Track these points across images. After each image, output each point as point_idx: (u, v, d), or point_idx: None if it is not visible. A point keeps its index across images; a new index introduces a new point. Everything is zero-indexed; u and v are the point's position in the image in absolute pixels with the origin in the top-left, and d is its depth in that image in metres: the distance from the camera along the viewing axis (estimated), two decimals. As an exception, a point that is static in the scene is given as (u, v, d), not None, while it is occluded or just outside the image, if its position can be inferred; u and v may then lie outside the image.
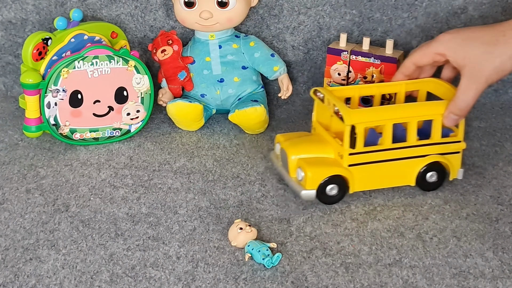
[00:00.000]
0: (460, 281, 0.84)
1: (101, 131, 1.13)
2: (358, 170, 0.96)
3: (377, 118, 0.96)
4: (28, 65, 1.12)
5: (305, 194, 0.95)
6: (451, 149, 1.00)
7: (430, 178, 1.00)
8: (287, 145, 1.00)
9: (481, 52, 0.93)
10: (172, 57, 1.19)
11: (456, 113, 0.96)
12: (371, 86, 1.05)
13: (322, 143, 1.00)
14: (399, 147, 0.97)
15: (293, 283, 0.83)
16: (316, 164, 0.96)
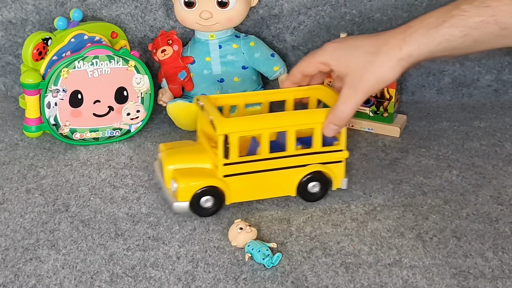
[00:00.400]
0: (460, 281, 0.84)
1: (101, 131, 1.13)
2: (234, 181, 0.93)
3: (252, 127, 0.93)
4: (28, 65, 1.12)
5: (177, 206, 0.93)
6: (333, 158, 0.97)
7: (312, 188, 0.97)
8: (165, 155, 0.97)
9: (362, 61, 0.91)
10: (172, 57, 1.19)
11: (336, 123, 0.93)
12: (258, 94, 1.03)
13: (201, 153, 0.96)
14: (277, 156, 0.94)
15: (293, 283, 0.83)
16: (190, 175, 0.93)
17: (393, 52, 0.89)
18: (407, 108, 1.27)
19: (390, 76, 0.90)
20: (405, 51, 0.88)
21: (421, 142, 1.16)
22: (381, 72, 0.90)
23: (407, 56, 0.88)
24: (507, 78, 1.30)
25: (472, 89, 1.30)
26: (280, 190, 0.97)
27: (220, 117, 0.92)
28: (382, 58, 0.89)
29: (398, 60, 0.89)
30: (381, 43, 0.90)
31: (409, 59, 0.89)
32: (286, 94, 1.02)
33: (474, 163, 1.09)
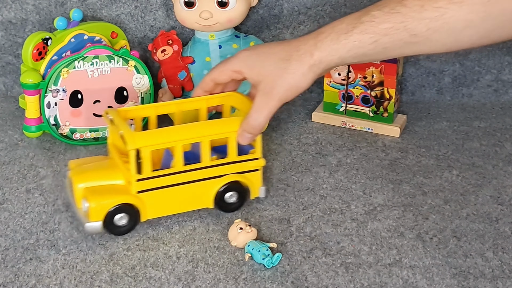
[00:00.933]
0: (460, 281, 0.84)
1: (101, 131, 1.13)
2: (149, 196, 0.90)
3: (164, 140, 0.90)
4: (28, 65, 1.12)
5: (89, 227, 0.88)
6: (250, 167, 0.95)
7: (230, 198, 0.95)
8: (74, 173, 0.93)
9: (274, 68, 0.89)
10: (172, 57, 1.19)
11: (249, 131, 0.91)
12: (169, 104, 1.00)
13: (113, 169, 0.93)
14: (192, 169, 0.91)
15: (293, 283, 0.83)
16: (102, 193, 0.89)
17: (305, 59, 0.88)
18: (407, 108, 1.27)
19: (303, 83, 0.89)
20: (316, 57, 0.88)
21: (421, 142, 1.16)
22: (294, 79, 0.89)
23: (318, 62, 0.88)
24: (507, 78, 1.30)
25: (472, 89, 1.30)
26: (197, 202, 0.94)
27: (130, 131, 0.89)
28: (294, 65, 0.88)
29: (309, 66, 0.88)
30: (293, 49, 0.89)
31: (321, 65, 0.88)
32: (199, 103, 0.99)
33: (474, 163, 1.09)
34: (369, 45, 0.86)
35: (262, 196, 0.97)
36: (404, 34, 0.84)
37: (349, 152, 1.12)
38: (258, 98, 0.91)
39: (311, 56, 0.88)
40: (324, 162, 1.09)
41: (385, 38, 0.85)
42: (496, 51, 1.28)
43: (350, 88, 1.19)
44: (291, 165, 1.08)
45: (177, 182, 0.91)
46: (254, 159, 0.95)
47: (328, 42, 0.87)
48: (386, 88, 1.16)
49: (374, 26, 0.85)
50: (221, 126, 0.93)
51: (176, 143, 0.90)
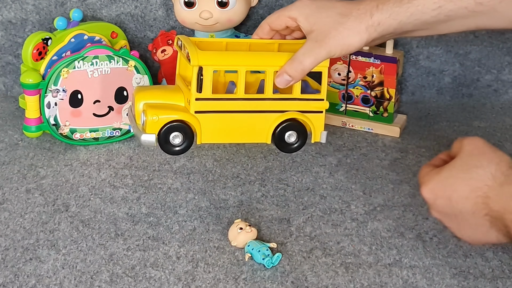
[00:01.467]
0: (460, 281, 0.84)
1: (101, 131, 1.13)
2: (206, 119, 0.89)
3: (228, 62, 0.89)
4: (28, 65, 1.12)
5: (144, 138, 0.89)
6: (314, 107, 0.93)
7: (289, 138, 0.93)
8: (137, 92, 0.94)
9: (331, 21, 0.88)
10: (172, 57, 1.19)
11: (290, 73, 0.90)
12: (241, 42, 0.98)
13: (175, 91, 0.93)
14: (253, 98, 0.90)
15: (293, 283, 0.83)
16: (160, 108, 0.90)
17: (364, 18, 0.87)
18: (407, 108, 1.27)
19: (356, 42, 0.88)
20: (375, 18, 0.87)
21: (421, 142, 1.16)
22: (348, 35, 0.88)
23: (376, 24, 0.87)
24: (507, 78, 1.30)
25: (472, 89, 1.30)
26: (255, 135, 0.93)
27: (196, 50, 0.89)
28: (352, 21, 0.87)
29: (367, 26, 0.87)
30: (354, 6, 0.88)
31: (378, 28, 0.87)
32: (271, 46, 0.97)
33: (474, 163, 1.09)
34: (432, 11, 0.85)
35: (323, 142, 0.96)
36: (469, 2, 0.83)
37: (349, 152, 1.12)
38: (308, 43, 0.89)
39: (371, 17, 0.87)
40: (324, 162, 1.09)
41: (450, 5, 0.84)
42: (496, 51, 1.28)
43: (350, 88, 1.19)
44: (291, 165, 1.08)
45: (236, 109, 0.90)
46: (319, 99, 0.94)
47: (390, 4, 0.86)
48: (386, 88, 1.16)
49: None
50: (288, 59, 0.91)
51: (239, 67, 0.89)
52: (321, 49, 0.89)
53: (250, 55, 0.92)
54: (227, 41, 0.97)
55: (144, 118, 0.89)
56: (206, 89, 0.88)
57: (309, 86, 0.96)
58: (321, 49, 0.89)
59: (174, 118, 0.89)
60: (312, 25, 0.90)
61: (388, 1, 0.87)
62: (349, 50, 0.89)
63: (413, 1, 0.85)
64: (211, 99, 0.89)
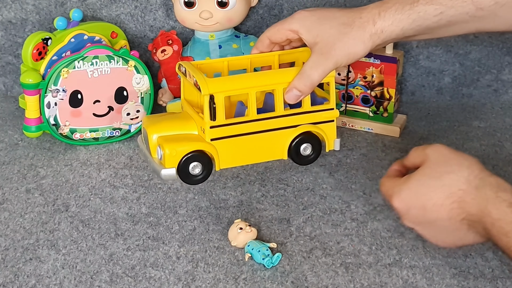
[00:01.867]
0: (460, 281, 0.84)
1: (101, 131, 1.13)
2: (222, 145, 0.90)
3: (238, 86, 0.90)
4: (28, 65, 1.12)
5: (165, 173, 0.89)
6: (325, 117, 0.94)
7: (304, 150, 0.95)
8: (148, 124, 0.94)
9: (335, 32, 0.88)
10: (172, 57, 1.20)
11: (300, 88, 0.90)
12: (241, 58, 0.98)
13: (186, 119, 0.93)
14: (265, 117, 0.91)
15: (293, 283, 0.83)
16: (176, 140, 0.90)
17: (367, 26, 0.88)
18: (407, 108, 1.27)
19: (361, 51, 0.89)
20: (378, 26, 0.87)
21: (421, 142, 1.16)
22: (353, 45, 0.88)
23: (380, 31, 0.87)
24: (507, 78, 1.30)
25: (472, 89, 1.30)
26: (271, 153, 0.94)
27: (204, 78, 0.89)
28: (355, 31, 0.88)
29: (371, 35, 0.88)
30: (356, 16, 0.89)
31: (381, 35, 0.87)
32: (271, 58, 0.98)
33: (474, 163, 1.09)
34: (433, 17, 0.85)
35: (337, 149, 0.97)
36: (470, 7, 0.83)
37: (349, 152, 1.12)
38: (314, 56, 0.90)
39: (374, 25, 0.87)
40: (324, 162, 1.09)
41: (451, 11, 0.84)
42: (496, 51, 1.28)
43: (350, 88, 1.19)
44: (291, 165, 1.08)
45: (251, 131, 0.91)
46: (329, 109, 0.94)
47: (392, 12, 0.87)
48: (386, 88, 1.16)
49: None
50: (295, 74, 0.91)
51: (249, 90, 0.90)
52: (328, 61, 0.89)
53: (258, 76, 0.93)
54: (228, 60, 0.98)
55: (162, 152, 0.90)
56: (219, 116, 0.90)
57: (315, 95, 0.97)
58: (327, 61, 0.89)
59: (192, 149, 0.90)
60: (315, 37, 0.90)
61: (390, 8, 0.87)
62: (355, 58, 0.90)
63: (415, 8, 0.86)
64: (225, 125, 0.90)
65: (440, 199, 0.77)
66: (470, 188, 0.76)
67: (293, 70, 0.92)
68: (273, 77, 0.92)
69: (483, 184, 0.76)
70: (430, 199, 0.78)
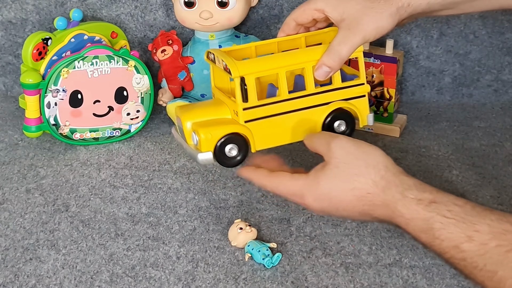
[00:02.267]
0: (460, 281, 0.84)
1: (101, 131, 1.13)
2: (256, 126, 0.90)
3: (267, 67, 0.89)
4: (28, 65, 1.12)
5: (202, 157, 0.89)
6: (356, 93, 0.93)
7: (339, 127, 0.94)
8: (181, 112, 0.93)
9: (361, 7, 0.88)
10: (172, 57, 1.19)
11: (329, 64, 0.89)
12: (269, 43, 0.98)
13: (219, 105, 0.93)
14: (297, 96, 0.90)
15: (293, 283, 0.83)
16: (210, 125, 0.90)
17: (393, 0, 0.88)
18: (407, 108, 1.27)
19: (388, 24, 0.88)
20: (405, 0, 0.87)
21: (421, 142, 1.16)
22: (381, 19, 0.88)
23: (406, 5, 0.87)
24: (507, 78, 1.30)
25: (472, 89, 1.30)
26: (305, 132, 0.92)
27: (233, 61, 0.89)
28: (382, 4, 0.88)
29: (397, 8, 0.87)
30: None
31: (408, 9, 0.87)
32: (298, 41, 0.97)
33: (474, 163, 1.09)
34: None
35: (371, 124, 0.96)
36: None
37: (349, 152, 1.12)
38: (342, 31, 0.89)
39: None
40: (324, 162, 1.08)
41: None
42: (496, 51, 1.28)
43: (350, 88, 1.18)
44: (291, 165, 1.07)
45: (283, 111, 0.91)
46: (359, 84, 0.94)
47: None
48: (386, 88, 1.16)
49: None
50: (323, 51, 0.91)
51: (279, 70, 0.89)
52: (356, 36, 0.89)
53: (286, 56, 0.92)
54: (256, 45, 0.98)
55: (197, 137, 0.90)
56: (252, 97, 0.89)
57: (345, 73, 0.97)
58: (355, 35, 0.89)
59: (227, 132, 0.89)
60: (342, 13, 0.90)
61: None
62: (382, 33, 0.89)
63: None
64: (258, 106, 0.90)
65: (352, 201, 0.79)
66: (377, 190, 0.77)
67: (321, 47, 0.92)
68: (302, 56, 0.91)
69: (388, 185, 0.77)
70: (342, 201, 0.79)
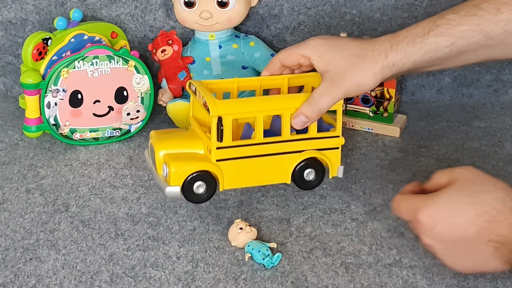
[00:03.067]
0: (460, 281, 0.84)
1: (101, 131, 1.13)
2: (227, 166, 0.91)
3: (246, 109, 0.90)
4: (28, 65, 1.12)
5: (169, 191, 0.89)
6: (330, 144, 0.94)
7: (308, 176, 0.95)
8: (155, 141, 0.93)
9: (346, 62, 0.89)
10: (172, 57, 1.20)
11: (307, 115, 0.90)
12: (251, 80, 1.00)
13: (194, 138, 0.94)
14: (272, 141, 0.91)
15: (293, 283, 0.83)
16: (182, 159, 0.90)
17: (379, 59, 0.88)
18: (407, 108, 1.27)
19: (370, 83, 0.89)
20: (390, 59, 0.87)
21: (421, 142, 1.16)
22: (364, 77, 0.88)
23: (391, 64, 0.88)
24: (507, 78, 1.30)
25: (472, 89, 1.30)
26: (275, 177, 0.94)
27: (213, 99, 0.90)
28: (367, 62, 0.88)
29: (382, 67, 0.88)
30: (368, 47, 0.89)
31: (393, 68, 0.88)
32: (280, 81, 0.99)
33: (474, 163, 1.09)
34: (444, 48, 0.86)
35: (340, 176, 0.97)
36: (480, 37, 0.84)
37: (349, 152, 1.12)
38: (324, 83, 0.90)
39: (386, 57, 0.88)
40: (324, 162, 1.09)
41: (461, 41, 0.85)
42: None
43: (350, 88, 1.19)
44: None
45: (256, 154, 0.91)
46: (335, 136, 0.95)
47: (404, 45, 0.87)
48: (386, 88, 1.16)
49: (450, 28, 0.85)
50: (303, 100, 0.92)
51: (257, 114, 0.90)
52: (337, 90, 0.89)
53: (266, 100, 0.93)
54: (238, 81, 0.99)
55: (167, 169, 0.90)
56: (227, 138, 0.90)
57: (322, 121, 0.97)
58: (337, 90, 0.89)
59: (197, 169, 0.90)
60: (327, 65, 0.90)
61: (402, 41, 0.87)
62: (364, 90, 0.90)
63: (426, 40, 0.86)
64: (231, 146, 0.90)
65: (471, 217, 0.77)
66: (505, 208, 0.76)
67: (302, 96, 0.93)
68: (281, 102, 0.92)
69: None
70: (459, 216, 0.77)
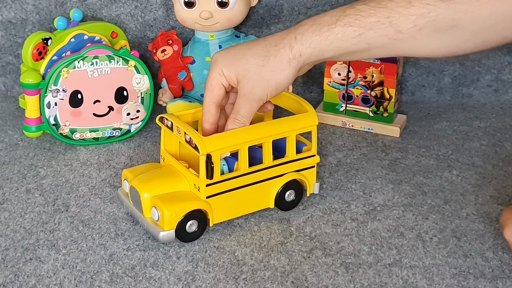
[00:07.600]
0: (460, 281, 0.84)
1: (101, 131, 1.13)
2: (216, 201, 0.90)
3: (233, 143, 0.89)
4: (28, 65, 1.12)
5: (164, 237, 0.88)
6: (307, 164, 0.96)
7: (288, 197, 0.95)
8: (137, 182, 0.91)
9: (251, 66, 0.86)
10: (172, 57, 1.20)
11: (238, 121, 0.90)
12: None
13: (175, 176, 0.92)
14: (256, 170, 0.92)
15: (293, 283, 0.83)
16: (172, 201, 0.88)
17: (283, 53, 0.86)
18: (407, 108, 1.27)
19: (283, 79, 0.87)
20: (295, 51, 0.85)
21: (421, 142, 1.16)
22: (273, 76, 0.86)
23: (298, 55, 0.86)
24: (507, 78, 1.30)
25: (472, 89, 1.30)
26: (259, 203, 0.95)
27: (200, 136, 0.88)
28: (272, 61, 0.86)
29: (288, 61, 0.86)
30: (270, 44, 0.87)
31: (300, 59, 0.86)
32: None
33: (474, 163, 1.09)
34: (352, 39, 0.84)
35: (316, 192, 0.99)
36: (389, 30, 0.82)
37: (349, 152, 1.12)
38: (238, 100, 0.89)
39: (290, 50, 0.85)
40: (324, 162, 1.09)
41: (370, 33, 0.83)
42: (496, 51, 1.28)
43: (350, 88, 1.19)
44: (291, 165, 1.08)
45: (242, 184, 0.92)
46: (311, 156, 0.96)
47: (309, 34, 0.85)
48: (386, 88, 1.16)
49: (359, 19, 0.83)
50: (284, 125, 0.93)
51: (243, 145, 0.90)
52: (252, 102, 0.88)
53: (249, 131, 0.91)
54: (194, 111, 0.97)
55: (159, 213, 0.88)
56: (216, 173, 0.89)
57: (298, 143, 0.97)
58: (251, 102, 0.88)
59: (190, 209, 0.89)
60: (236, 75, 0.88)
61: (307, 30, 0.85)
62: (279, 88, 0.88)
63: (333, 30, 0.84)
64: (220, 181, 0.90)
65: None
66: None
67: (284, 120, 0.94)
68: (264, 130, 0.92)
69: None
70: None
